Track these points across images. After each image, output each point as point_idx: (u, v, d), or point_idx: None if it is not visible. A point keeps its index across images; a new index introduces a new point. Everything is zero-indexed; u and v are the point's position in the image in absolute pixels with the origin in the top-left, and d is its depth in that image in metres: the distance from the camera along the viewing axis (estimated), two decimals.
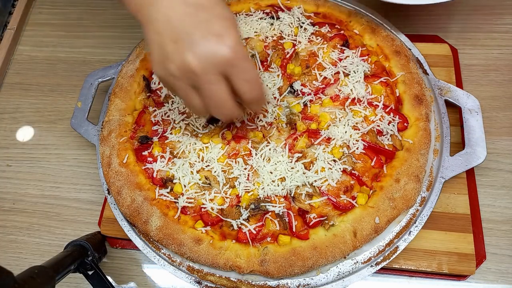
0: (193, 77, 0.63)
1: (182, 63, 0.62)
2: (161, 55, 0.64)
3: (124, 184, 0.83)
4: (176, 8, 0.63)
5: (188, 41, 0.61)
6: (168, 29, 0.63)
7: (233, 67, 0.62)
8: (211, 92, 0.64)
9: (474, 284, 0.84)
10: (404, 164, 0.80)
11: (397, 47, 0.92)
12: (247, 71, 0.65)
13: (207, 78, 0.62)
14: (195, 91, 0.66)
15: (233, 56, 0.61)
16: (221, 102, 0.66)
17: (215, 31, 0.62)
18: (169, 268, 0.81)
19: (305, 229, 0.78)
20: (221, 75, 0.63)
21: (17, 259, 0.98)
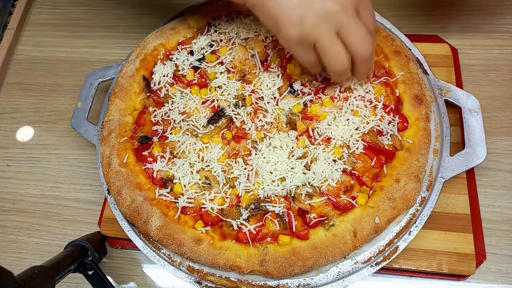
0: (335, 20, 0.68)
1: (323, 11, 0.68)
2: (297, 15, 0.69)
3: (124, 184, 0.83)
4: None
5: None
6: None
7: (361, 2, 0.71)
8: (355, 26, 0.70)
9: (474, 284, 0.84)
10: (404, 164, 0.80)
11: (397, 47, 0.92)
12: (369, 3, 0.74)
13: (349, 15, 0.68)
14: (336, 38, 0.70)
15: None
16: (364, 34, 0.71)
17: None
18: (169, 268, 0.81)
19: (305, 229, 0.78)
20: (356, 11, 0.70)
21: (17, 259, 0.98)
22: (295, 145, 0.84)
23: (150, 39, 0.98)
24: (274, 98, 0.90)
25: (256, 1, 0.73)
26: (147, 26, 1.04)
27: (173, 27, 0.99)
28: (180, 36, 0.99)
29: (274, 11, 0.71)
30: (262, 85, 0.91)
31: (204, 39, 0.97)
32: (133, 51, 0.98)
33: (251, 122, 0.88)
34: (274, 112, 0.88)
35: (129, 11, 1.23)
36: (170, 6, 1.18)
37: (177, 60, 0.96)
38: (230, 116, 0.89)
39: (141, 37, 0.99)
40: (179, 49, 0.97)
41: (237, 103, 0.90)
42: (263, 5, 0.72)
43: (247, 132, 0.88)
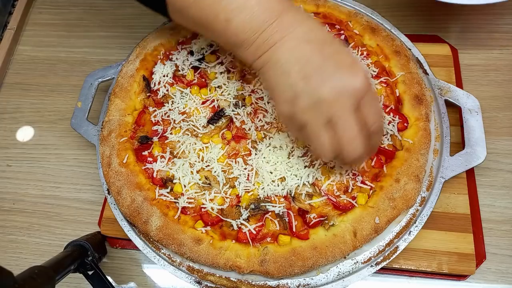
0: (328, 109, 0.62)
1: (317, 97, 0.61)
2: (291, 93, 0.64)
3: (124, 184, 0.83)
4: (301, 46, 0.64)
5: (321, 75, 0.62)
6: (297, 68, 0.63)
7: (366, 96, 0.62)
8: (346, 124, 0.62)
9: (474, 284, 0.84)
10: (404, 164, 0.80)
11: (397, 47, 0.92)
12: (376, 100, 0.66)
13: (344, 109, 0.62)
14: (326, 127, 0.64)
15: (365, 86, 0.62)
16: (354, 136, 0.64)
17: (346, 62, 0.63)
18: (169, 268, 0.81)
19: (305, 229, 0.78)
20: (354, 107, 0.62)
21: (17, 259, 0.98)
22: (295, 145, 0.84)
23: (150, 39, 0.98)
24: None
25: (261, 66, 0.68)
26: (147, 26, 1.04)
27: (173, 27, 0.99)
28: (180, 36, 0.99)
29: (272, 81, 0.67)
30: (262, 85, 0.91)
31: (204, 39, 0.97)
32: (133, 51, 0.98)
33: (251, 122, 0.88)
34: (274, 112, 0.88)
35: (129, 11, 1.23)
36: None
37: (177, 60, 0.96)
38: (230, 116, 0.89)
39: (141, 37, 0.99)
40: (179, 49, 0.97)
41: (237, 103, 0.90)
42: (265, 72, 0.68)
43: (247, 132, 0.88)
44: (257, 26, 0.65)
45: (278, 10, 0.65)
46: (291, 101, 0.64)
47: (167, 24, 1.01)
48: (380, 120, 0.68)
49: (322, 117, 0.63)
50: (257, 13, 0.65)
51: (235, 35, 0.67)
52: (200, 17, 0.69)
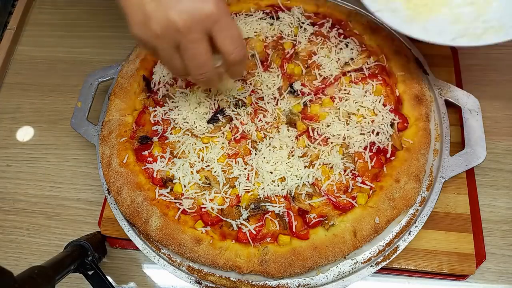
0: (177, 35, 0.61)
1: (166, 21, 0.60)
2: (142, 15, 0.61)
3: (124, 184, 0.83)
4: None
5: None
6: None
7: (217, 23, 0.61)
8: (194, 50, 0.62)
9: (474, 284, 0.84)
10: (404, 164, 0.80)
11: (397, 47, 0.92)
12: (230, 28, 0.63)
13: (191, 36, 0.61)
14: (176, 51, 0.63)
15: (217, 11, 0.60)
16: (202, 62, 0.64)
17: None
18: (169, 268, 0.81)
19: (305, 229, 0.78)
20: (204, 33, 0.61)
21: (17, 259, 0.98)
22: (295, 145, 0.84)
23: None
24: (274, 98, 0.90)
25: None
26: None
27: None
28: None
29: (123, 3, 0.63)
30: (262, 85, 0.91)
31: None
32: (133, 51, 0.98)
33: (251, 122, 0.88)
34: (274, 112, 0.88)
35: None
36: None
37: None
38: (230, 116, 0.89)
39: None
40: None
41: (237, 103, 0.90)
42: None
43: (247, 132, 0.88)
44: None
45: None
46: (141, 24, 0.62)
47: None
48: (239, 46, 0.65)
49: (172, 42, 0.62)
50: None
51: None
52: None
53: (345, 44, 0.93)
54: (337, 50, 0.93)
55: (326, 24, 0.97)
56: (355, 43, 0.93)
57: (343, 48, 0.93)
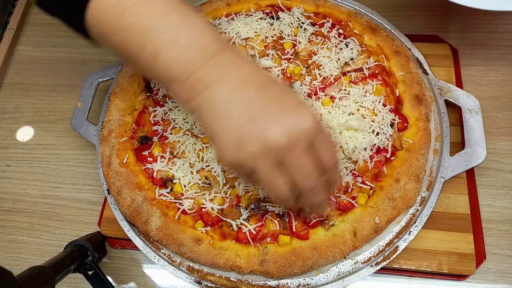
0: (279, 153, 0.56)
1: (265, 140, 0.56)
2: (237, 137, 0.57)
3: (124, 184, 0.83)
4: (242, 89, 0.58)
5: (266, 117, 0.56)
6: (239, 110, 0.57)
7: (318, 135, 0.59)
8: (300, 163, 0.58)
9: (474, 284, 0.84)
10: (404, 164, 0.80)
11: (397, 47, 0.92)
12: (329, 139, 0.62)
13: (296, 151, 0.57)
14: (279, 169, 0.58)
15: (316, 126, 0.58)
16: (311, 171, 0.59)
17: (292, 103, 0.58)
18: (169, 268, 0.81)
19: (305, 229, 0.78)
20: (307, 146, 0.58)
21: (17, 259, 0.98)
22: None
23: None
24: None
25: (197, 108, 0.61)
26: None
27: None
28: None
29: (211, 125, 0.59)
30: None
31: None
32: None
33: None
34: None
35: None
36: None
37: None
38: None
39: None
40: None
41: None
42: (202, 116, 0.60)
43: None
44: (189, 63, 0.58)
45: (213, 49, 0.59)
46: (236, 147, 0.58)
47: None
48: (335, 158, 0.63)
49: (273, 161, 0.57)
50: (190, 49, 0.59)
51: (165, 69, 0.60)
52: (125, 47, 0.61)
53: (345, 44, 0.93)
54: (337, 50, 0.93)
55: (326, 24, 0.97)
56: (355, 43, 0.93)
57: (343, 48, 0.93)
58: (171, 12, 0.60)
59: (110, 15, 0.59)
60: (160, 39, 0.59)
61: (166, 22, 0.59)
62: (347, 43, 0.93)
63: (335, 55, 0.92)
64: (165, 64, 0.59)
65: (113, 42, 0.62)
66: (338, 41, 0.94)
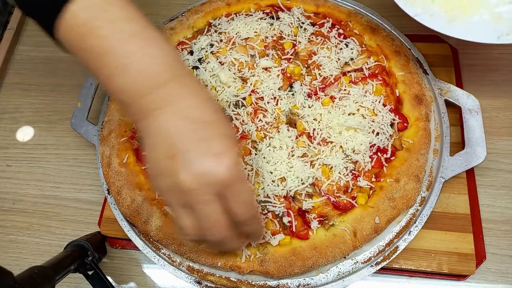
0: (185, 196, 0.58)
1: (175, 181, 0.57)
2: (156, 169, 0.60)
3: (124, 184, 0.83)
4: (177, 123, 0.59)
5: (184, 159, 0.57)
6: (165, 145, 0.59)
7: (228, 188, 0.58)
8: (204, 211, 0.59)
9: (474, 284, 0.84)
10: (404, 164, 0.80)
11: (397, 47, 0.92)
12: (242, 193, 0.61)
13: (200, 198, 0.58)
14: (186, 210, 0.60)
15: (230, 177, 0.57)
16: (214, 223, 0.60)
17: (214, 150, 0.58)
18: (169, 268, 0.81)
19: (305, 229, 0.78)
20: (215, 196, 0.58)
21: (17, 259, 0.98)
22: (295, 145, 0.84)
23: None
24: (274, 98, 0.90)
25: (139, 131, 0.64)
26: None
27: (173, 27, 0.99)
28: (180, 36, 0.99)
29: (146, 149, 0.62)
30: (262, 85, 0.91)
31: (204, 39, 0.97)
32: None
33: (251, 122, 0.88)
34: (274, 112, 0.88)
35: None
36: (170, 6, 1.17)
37: None
38: (230, 116, 0.89)
39: None
40: (179, 49, 0.97)
41: (237, 103, 0.90)
42: (142, 140, 0.64)
43: (247, 132, 0.88)
44: (137, 90, 0.60)
45: (164, 78, 0.60)
46: (155, 177, 0.61)
47: (167, 24, 1.01)
48: (249, 211, 0.62)
49: (181, 201, 0.59)
50: (139, 78, 0.60)
51: (116, 93, 0.62)
52: (88, 65, 0.63)
53: (345, 44, 0.93)
54: (337, 50, 0.93)
55: (326, 24, 0.97)
56: (355, 43, 0.93)
57: (343, 48, 0.93)
58: (133, 38, 0.60)
59: (75, 34, 0.61)
60: (114, 65, 0.60)
61: (124, 48, 0.60)
62: (347, 43, 0.93)
63: (335, 55, 0.92)
64: (116, 89, 0.62)
65: (78, 57, 0.64)
66: (338, 41, 0.94)
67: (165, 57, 0.62)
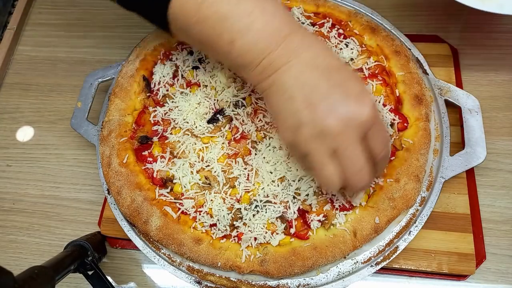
0: (333, 141, 0.59)
1: (322, 127, 0.59)
2: (295, 121, 0.61)
3: (124, 184, 0.83)
4: (308, 72, 0.61)
5: (327, 104, 0.59)
6: (302, 96, 0.60)
7: (373, 126, 0.60)
8: (352, 153, 0.60)
9: (474, 284, 0.84)
10: (404, 164, 0.80)
11: (397, 47, 0.92)
12: (382, 131, 0.64)
13: (350, 140, 0.59)
14: (331, 157, 0.61)
15: (374, 116, 0.60)
16: (361, 165, 0.61)
17: (353, 92, 0.60)
18: (169, 268, 0.81)
19: (305, 229, 0.78)
20: (360, 137, 0.60)
21: (17, 259, 0.98)
22: None
23: (150, 39, 0.98)
24: None
25: (265, 89, 0.66)
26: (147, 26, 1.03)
27: None
28: None
29: (276, 106, 0.65)
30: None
31: None
32: (133, 51, 0.98)
33: (251, 122, 0.88)
34: None
35: None
36: None
37: (177, 60, 0.96)
38: (230, 116, 0.89)
39: (141, 37, 0.99)
40: (179, 49, 0.97)
41: (237, 103, 0.90)
42: (269, 96, 0.66)
43: (247, 132, 0.88)
44: (262, 48, 0.62)
45: (285, 32, 0.62)
46: (294, 129, 0.62)
47: None
48: (387, 148, 0.66)
49: (327, 148, 0.60)
50: (263, 35, 0.62)
51: (240, 56, 0.64)
52: (203, 37, 0.66)
53: (345, 44, 0.93)
54: (337, 50, 0.93)
55: (326, 24, 0.96)
56: (355, 43, 0.93)
57: (343, 48, 0.93)
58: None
59: (189, 8, 0.63)
60: (235, 28, 0.62)
61: (241, 9, 0.62)
62: (347, 43, 0.93)
63: None
64: (240, 51, 0.63)
65: (192, 34, 0.66)
66: (338, 41, 0.94)
67: (280, 11, 0.65)
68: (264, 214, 0.79)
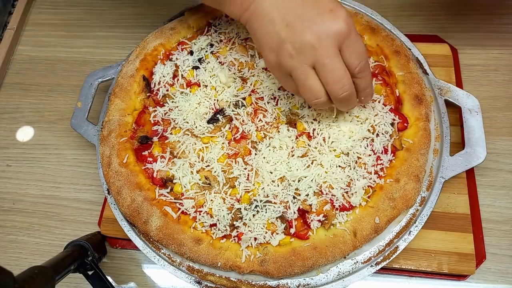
0: (312, 53, 0.65)
1: (301, 43, 0.65)
2: (276, 41, 0.68)
3: (124, 184, 0.83)
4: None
5: (303, 21, 0.65)
6: (280, 17, 0.67)
7: (348, 38, 0.66)
8: (332, 64, 0.66)
9: (474, 284, 0.84)
10: (404, 164, 0.80)
11: (397, 47, 0.92)
12: (357, 42, 0.68)
13: (328, 52, 0.65)
14: (312, 70, 0.68)
15: (348, 27, 0.65)
16: (341, 74, 0.67)
17: (327, 8, 0.66)
18: (169, 268, 0.81)
19: (305, 229, 0.78)
20: (337, 48, 0.66)
21: (17, 259, 0.98)
22: (295, 145, 0.84)
23: (150, 39, 0.98)
24: (274, 98, 0.90)
25: (247, 19, 0.73)
26: (147, 26, 1.04)
27: (173, 27, 0.99)
28: (180, 36, 0.99)
29: (258, 32, 0.72)
30: (262, 85, 0.91)
31: (204, 39, 0.97)
32: (133, 51, 0.98)
33: (251, 122, 0.88)
34: (274, 112, 0.88)
35: (129, 11, 1.23)
36: (170, 6, 1.18)
37: (177, 60, 0.96)
38: (230, 116, 0.89)
39: (141, 37, 0.99)
40: (179, 49, 0.97)
41: (237, 103, 0.90)
42: (251, 25, 0.73)
43: (247, 132, 0.87)
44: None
45: None
46: (276, 49, 0.69)
47: (167, 24, 1.01)
48: (364, 58, 0.69)
49: (307, 61, 0.67)
50: None
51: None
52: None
53: None
54: None
55: None
56: None
57: None
58: None
59: None
60: None
61: None
62: None
63: None
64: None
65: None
66: None
67: None
68: (264, 214, 0.79)
